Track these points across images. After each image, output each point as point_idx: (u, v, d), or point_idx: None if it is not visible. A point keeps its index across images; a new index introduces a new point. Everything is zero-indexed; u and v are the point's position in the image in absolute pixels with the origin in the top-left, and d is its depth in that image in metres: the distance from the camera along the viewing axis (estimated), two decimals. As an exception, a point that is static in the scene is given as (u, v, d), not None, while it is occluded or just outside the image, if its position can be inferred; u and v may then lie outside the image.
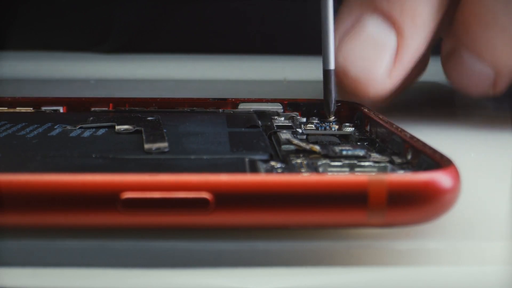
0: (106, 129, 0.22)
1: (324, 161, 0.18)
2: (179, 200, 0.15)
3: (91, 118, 0.23)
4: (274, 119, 0.25)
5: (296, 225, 0.16)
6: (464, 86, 0.28)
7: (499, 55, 0.26)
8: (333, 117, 0.25)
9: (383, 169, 0.18)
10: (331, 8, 0.24)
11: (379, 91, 0.26)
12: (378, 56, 0.25)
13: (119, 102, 0.26)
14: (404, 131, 0.20)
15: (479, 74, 0.27)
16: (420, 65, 0.29)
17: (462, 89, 0.28)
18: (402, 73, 0.26)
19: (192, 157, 0.19)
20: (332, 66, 0.24)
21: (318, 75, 0.30)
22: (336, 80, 0.25)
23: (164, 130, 0.21)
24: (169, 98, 0.26)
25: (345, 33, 0.26)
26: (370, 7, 0.25)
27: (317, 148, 0.19)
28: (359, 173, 0.17)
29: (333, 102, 0.24)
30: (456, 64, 0.27)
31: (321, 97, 0.25)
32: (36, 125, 0.22)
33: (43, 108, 0.26)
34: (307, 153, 0.19)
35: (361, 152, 0.19)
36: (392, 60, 0.25)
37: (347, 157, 0.19)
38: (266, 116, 0.25)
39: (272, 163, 0.18)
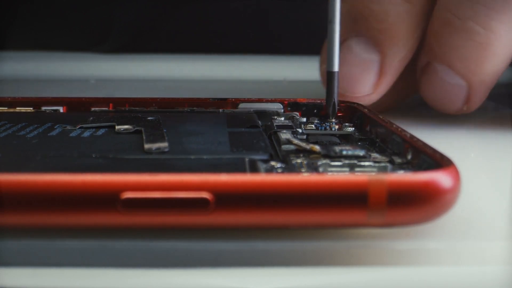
0: (106, 129, 0.22)
1: (324, 161, 0.18)
2: (179, 200, 0.15)
3: (91, 118, 0.23)
4: (274, 119, 0.25)
5: (296, 225, 0.16)
6: (438, 101, 0.29)
7: (470, 63, 0.27)
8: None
9: (383, 169, 0.18)
10: (338, 9, 0.24)
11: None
12: (362, 75, 0.28)
13: (119, 102, 0.26)
14: (404, 131, 0.20)
15: (452, 88, 0.28)
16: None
17: (436, 104, 0.29)
18: (387, 86, 0.28)
19: (192, 157, 0.19)
20: (336, 68, 0.25)
21: (319, 75, 0.30)
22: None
23: (164, 130, 0.21)
24: (169, 98, 0.26)
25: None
26: (353, 31, 0.28)
27: (317, 148, 0.19)
28: (359, 173, 0.17)
29: (336, 103, 0.25)
30: (429, 78, 0.28)
31: (321, 96, 0.26)
32: (36, 125, 0.22)
33: (43, 108, 0.26)
34: (307, 153, 0.19)
35: (361, 152, 0.19)
36: (376, 77, 0.28)
37: (347, 157, 0.19)
38: (266, 116, 0.25)
39: (272, 163, 0.18)
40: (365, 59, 0.27)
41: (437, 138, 0.20)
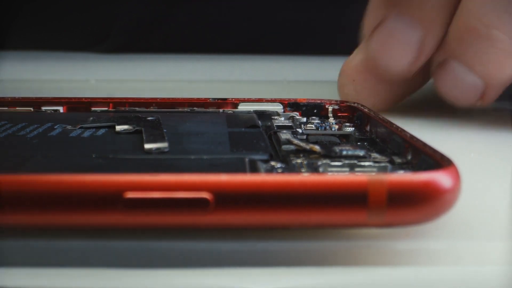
0: (106, 129, 0.22)
1: (324, 161, 0.18)
2: (179, 200, 0.15)
3: (91, 118, 0.23)
4: (274, 119, 0.25)
5: (296, 225, 0.16)
6: (453, 96, 0.29)
7: (490, 67, 0.27)
8: (333, 119, 0.25)
9: (383, 169, 0.18)
10: None
11: (403, 77, 0.29)
12: (405, 51, 0.28)
13: (119, 102, 0.26)
14: (404, 131, 0.20)
15: (469, 85, 0.28)
16: (423, 76, 0.30)
17: (450, 99, 0.29)
18: (419, 66, 0.28)
19: (192, 157, 0.19)
20: None
21: (319, 75, 0.30)
22: (366, 68, 0.29)
23: (164, 130, 0.21)
24: (169, 98, 0.26)
25: (374, 29, 0.28)
26: (395, 9, 0.28)
27: (317, 148, 0.19)
28: (359, 173, 0.17)
29: None
30: (446, 74, 0.28)
31: (321, 97, 0.26)
32: (36, 125, 0.22)
33: (43, 108, 0.26)
34: (307, 153, 0.19)
35: (361, 152, 0.19)
36: (415, 55, 0.28)
37: (347, 157, 0.19)
38: (266, 116, 0.25)
39: (272, 163, 0.18)
40: (408, 35, 0.28)
41: (437, 138, 0.20)
